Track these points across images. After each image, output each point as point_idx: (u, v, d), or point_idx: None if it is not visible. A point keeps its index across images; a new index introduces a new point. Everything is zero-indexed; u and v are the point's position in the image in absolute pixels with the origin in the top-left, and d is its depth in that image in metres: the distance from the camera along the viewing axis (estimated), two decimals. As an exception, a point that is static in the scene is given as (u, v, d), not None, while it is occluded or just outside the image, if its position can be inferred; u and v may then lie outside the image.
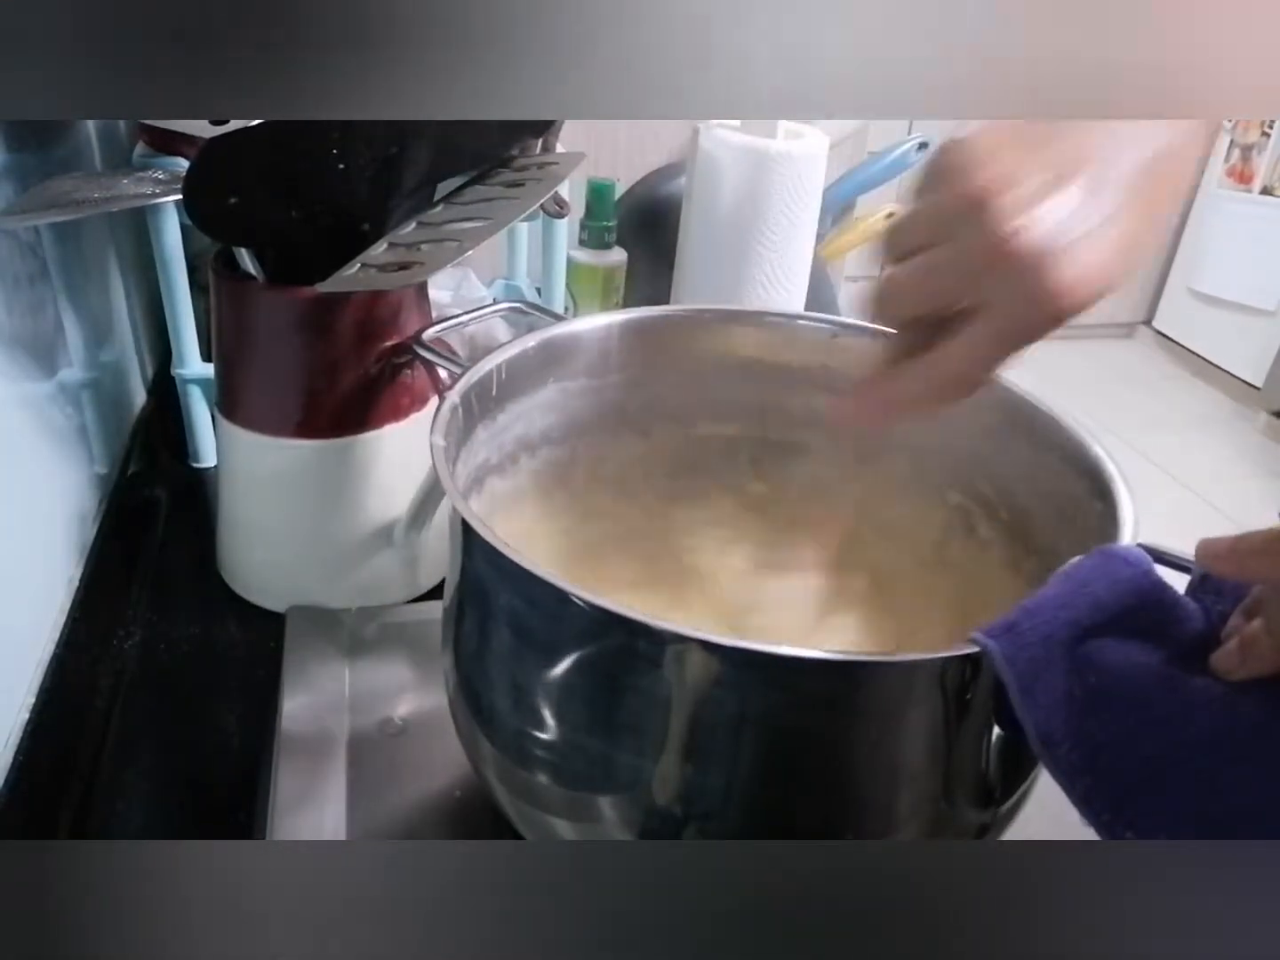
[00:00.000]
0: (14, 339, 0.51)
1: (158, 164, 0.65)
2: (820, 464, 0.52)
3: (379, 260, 0.48)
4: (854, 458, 0.51)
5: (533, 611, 0.34)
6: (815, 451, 0.52)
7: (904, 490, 0.50)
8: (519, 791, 0.38)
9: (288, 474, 0.54)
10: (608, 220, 0.83)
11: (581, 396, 0.50)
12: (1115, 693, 0.29)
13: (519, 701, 0.36)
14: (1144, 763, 0.28)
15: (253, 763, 0.49)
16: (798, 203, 0.72)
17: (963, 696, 0.32)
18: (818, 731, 0.33)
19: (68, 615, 0.54)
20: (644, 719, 0.33)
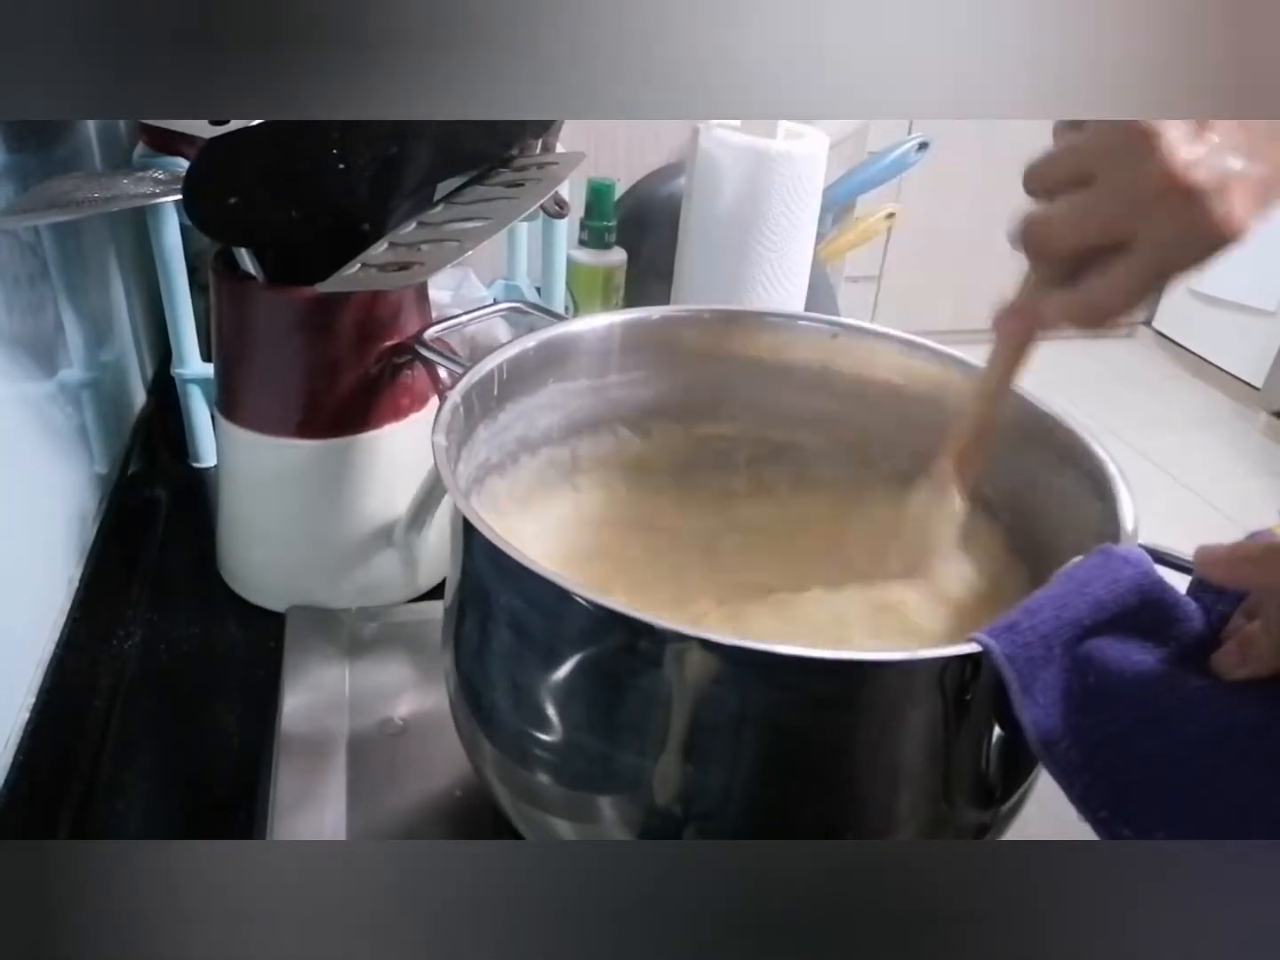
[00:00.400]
0: (14, 339, 0.51)
1: (158, 164, 0.65)
2: (820, 464, 0.52)
3: (379, 260, 0.48)
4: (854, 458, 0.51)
5: (534, 610, 0.34)
6: (815, 452, 0.52)
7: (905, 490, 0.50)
8: (519, 791, 0.38)
9: (288, 474, 0.54)
10: (608, 220, 0.83)
11: (581, 396, 0.50)
12: (1114, 692, 0.29)
13: (519, 701, 0.36)
14: (1143, 761, 0.28)
15: (253, 763, 0.49)
16: (798, 203, 0.72)
17: (963, 696, 0.32)
18: (818, 731, 0.33)
19: (68, 615, 0.54)
20: (644, 718, 0.33)
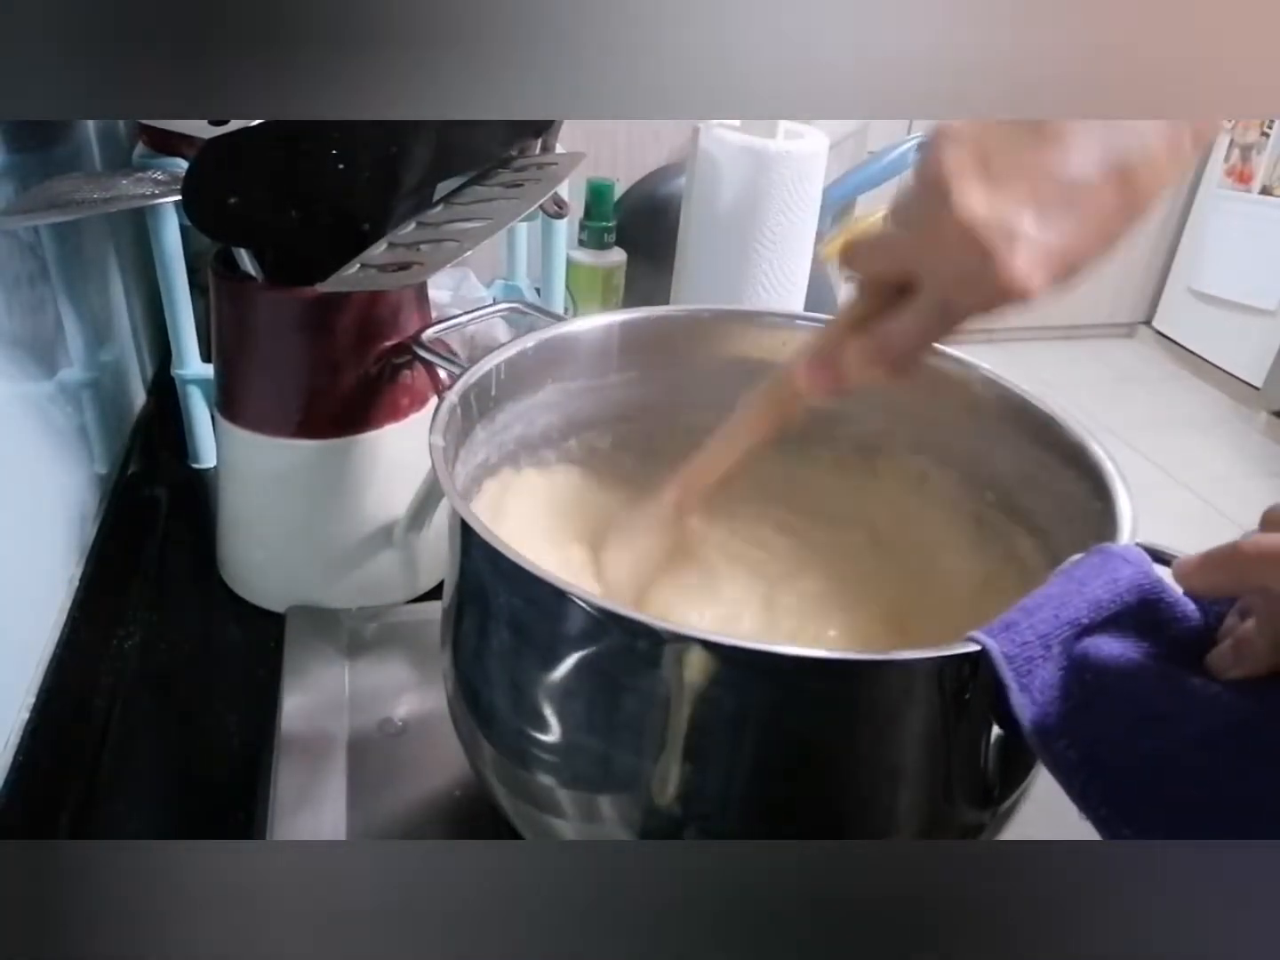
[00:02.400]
0: (14, 339, 0.51)
1: (158, 164, 0.65)
2: (821, 464, 0.52)
3: (379, 260, 0.48)
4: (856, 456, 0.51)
5: (532, 611, 0.34)
6: (816, 451, 0.52)
7: (904, 490, 0.50)
8: (519, 791, 0.38)
9: (288, 474, 0.54)
10: (607, 220, 0.83)
11: (581, 396, 0.50)
12: (1112, 690, 0.29)
13: (518, 701, 0.36)
14: (1141, 759, 0.28)
15: (253, 763, 0.49)
16: (798, 203, 0.72)
17: (961, 695, 0.32)
18: (816, 730, 0.33)
19: (68, 615, 0.54)
20: (643, 718, 0.33)
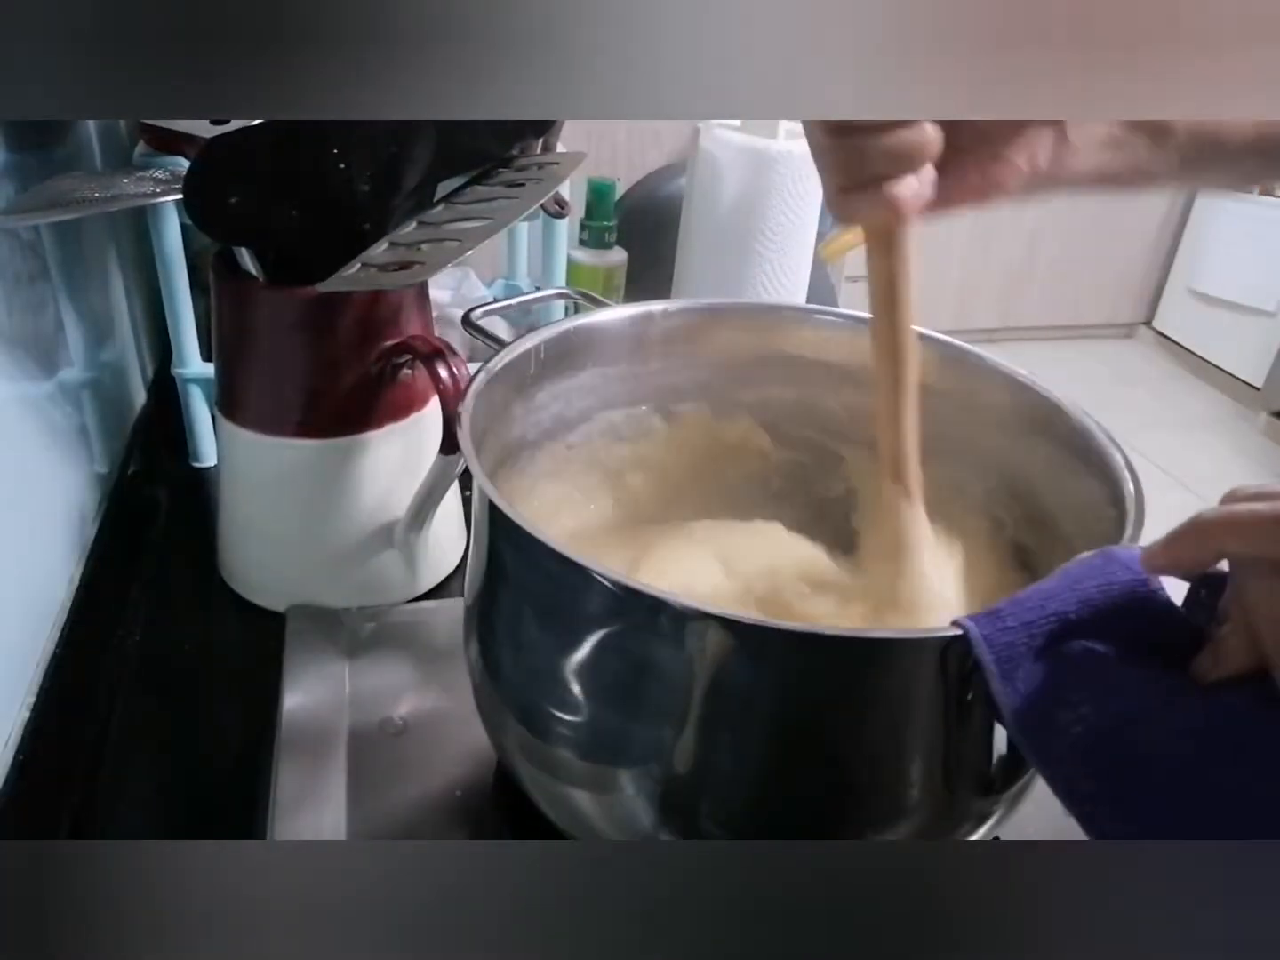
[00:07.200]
0: (14, 339, 0.51)
1: (158, 164, 0.65)
2: (850, 462, 0.52)
3: (379, 260, 0.48)
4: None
5: (556, 589, 0.35)
6: (846, 449, 0.52)
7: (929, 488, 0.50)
8: (541, 765, 0.39)
9: (288, 474, 0.54)
10: (608, 220, 0.83)
11: (620, 382, 0.50)
12: (1095, 686, 0.30)
13: (544, 678, 0.37)
14: (1123, 755, 0.29)
15: (253, 763, 0.49)
16: (798, 203, 0.72)
17: (964, 677, 0.32)
18: (830, 705, 0.34)
19: (68, 615, 0.54)
20: (664, 693, 0.34)
